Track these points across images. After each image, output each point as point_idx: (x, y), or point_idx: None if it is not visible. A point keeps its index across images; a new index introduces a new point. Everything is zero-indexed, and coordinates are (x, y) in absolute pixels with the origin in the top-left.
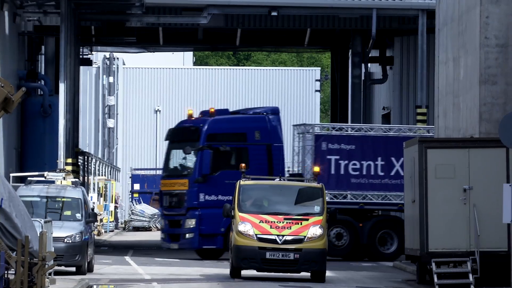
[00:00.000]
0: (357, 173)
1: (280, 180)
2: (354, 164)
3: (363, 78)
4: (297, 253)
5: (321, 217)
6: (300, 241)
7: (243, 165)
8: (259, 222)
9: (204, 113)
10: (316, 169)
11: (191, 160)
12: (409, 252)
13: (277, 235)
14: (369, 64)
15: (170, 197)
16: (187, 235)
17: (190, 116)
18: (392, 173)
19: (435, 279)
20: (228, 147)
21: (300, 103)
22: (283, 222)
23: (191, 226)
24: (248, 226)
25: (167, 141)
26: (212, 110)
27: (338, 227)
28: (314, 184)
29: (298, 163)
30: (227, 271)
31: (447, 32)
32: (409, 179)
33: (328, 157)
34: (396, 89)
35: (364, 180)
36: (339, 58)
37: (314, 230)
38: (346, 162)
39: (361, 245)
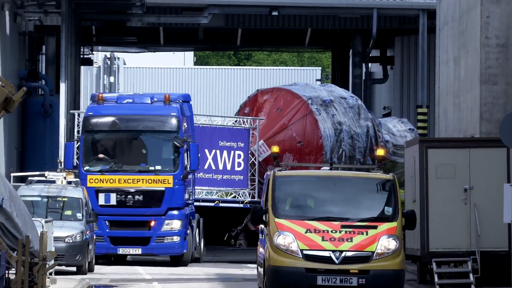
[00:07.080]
0: None
1: (331, 169)
2: None
3: (363, 78)
4: (362, 277)
5: (395, 224)
6: (366, 259)
7: (276, 148)
8: (306, 232)
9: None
10: (381, 152)
11: (155, 153)
12: (409, 252)
13: (333, 251)
14: (369, 64)
15: (123, 195)
16: (166, 239)
17: (103, 100)
18: (205, 167)
19: (436, 279)
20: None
21: None
22: (340, 232)
23: (176, 229)
24: (289, 238)
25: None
26: (167, 96)
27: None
28: (383, 175)
29: None
30: (227, 271)
31: (447, 32)
32: (409, 178)
33: None
34: (397, 89)
35: None
36: (340, 58)
37: (386, 242)
38: None
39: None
